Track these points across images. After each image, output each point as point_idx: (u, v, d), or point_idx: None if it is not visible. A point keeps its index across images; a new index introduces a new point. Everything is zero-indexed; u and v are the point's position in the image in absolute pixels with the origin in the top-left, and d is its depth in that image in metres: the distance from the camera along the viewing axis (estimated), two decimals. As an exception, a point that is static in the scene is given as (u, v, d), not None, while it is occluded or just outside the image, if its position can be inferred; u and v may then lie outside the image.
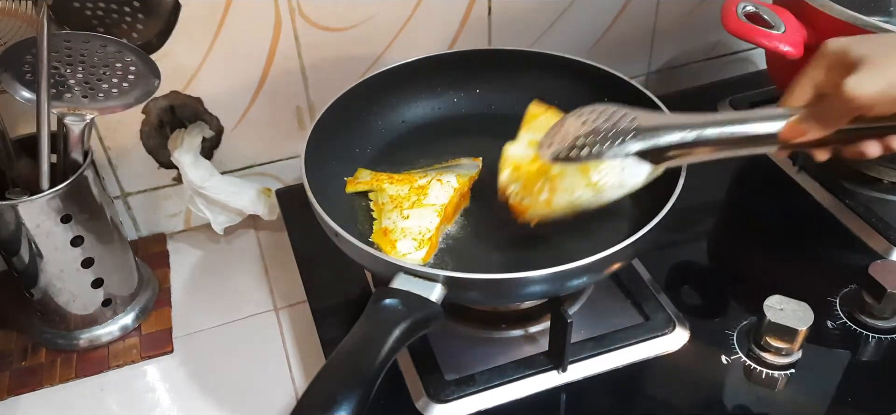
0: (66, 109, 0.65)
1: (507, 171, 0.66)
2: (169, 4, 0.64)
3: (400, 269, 0.57)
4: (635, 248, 0.59)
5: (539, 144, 0.62)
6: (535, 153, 0.65)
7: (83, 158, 0.66)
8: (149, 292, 0.76)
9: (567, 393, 0.64)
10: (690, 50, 0.99)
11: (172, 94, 0.76)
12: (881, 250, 0.74)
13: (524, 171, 0.65)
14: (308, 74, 0.80)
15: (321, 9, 0.77)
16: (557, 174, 0.63)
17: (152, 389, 0.69)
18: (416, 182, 0.73)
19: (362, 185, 0.75)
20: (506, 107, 0.83)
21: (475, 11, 0.83)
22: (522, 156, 0.67)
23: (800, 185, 0.83)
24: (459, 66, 0.82)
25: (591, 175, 0.62)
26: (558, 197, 0.63)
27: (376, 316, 0.54)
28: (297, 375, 0.69)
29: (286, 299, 0.76)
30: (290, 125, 0.83)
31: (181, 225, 0.86)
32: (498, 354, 0.66)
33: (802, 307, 0.63)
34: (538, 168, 0.65)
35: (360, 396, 0.48)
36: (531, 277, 0.59)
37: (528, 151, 0.67)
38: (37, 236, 0.64)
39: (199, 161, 0.78)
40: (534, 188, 0.64)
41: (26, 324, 0.73)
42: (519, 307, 0.70)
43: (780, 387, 0.63)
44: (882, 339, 0.66)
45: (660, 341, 0.66)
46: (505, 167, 0.66)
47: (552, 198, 0.63)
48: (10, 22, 0.61)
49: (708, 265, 0.78)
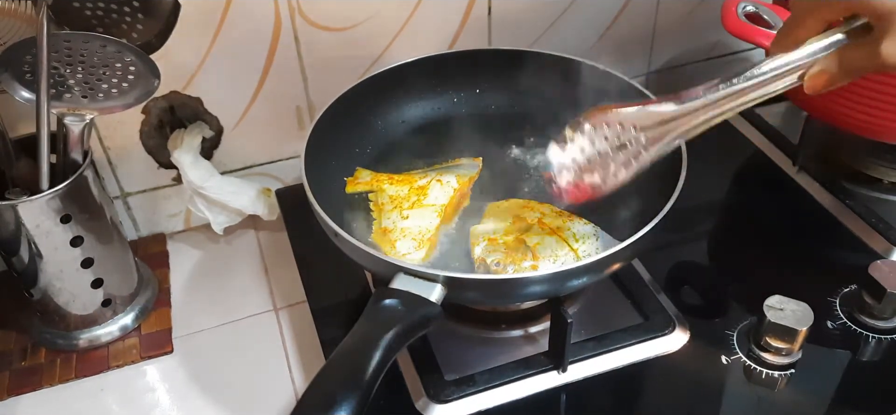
0: (66, 109, 0.64)
1: (482, 244, 0.66)
2: (169, 4, 0.64)
3: (400, 269, 0.57)
4: (635, 248, 0.59)
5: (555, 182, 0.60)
6: (506, 226, 0.67)
7: (83, 158, 0.66)
8: (149, 293, 0.76)
9: (567, 393, 0.64)
10: (690, 50, 0.99)
11: (172, 95, 0.76)
12: (881, 250, 0.74)
13: (502, 242, 0.65)
14: (308, 74, 0.80)
15: (321, 8, 0.77)
16: (537, 243, 0.64)
17: (152, 389, 0.69)
18: (415, 182, 0.73)
19: (362, 185, 0.75)
20: (506, 107, 0.83)
21: (475, 11, 0.83)
22: (494, 230, 0.67)
23: (800, 185, 0.83)
24: (459, 66, 0.82)
25: (572, 243, 0.65)
26: (543, 263, 0.64)
27: (376, 316, 0.54)
28: (297, 375, 0.69)
29: (286, 299, 0.76)
30: (290, 125, 0.83)
31: (181, 225, 0.86)
32: (498, 354, 0.66)
33: (802, 307, 0.63)
34: (515, 238, 0.65)
35: (360, 396, 0.48)
36: (531, 278, 0.59)
37: (499, 225, 0.67)
38: (36, 236, 0.64)
39: (198, 161, 0.78)
40: (516, 257, 0.64)
41: (26, 324, 0.73)
42: (519, 307, 0.70)
43: (780, 387, 0.63)
44: (882, 339, 0.66)
45: (660, 341, 0.66)
46: (477, 242, 0.66)
47: (537, 263, 0.63)
48: (9, 22, 0.61)
49: (708, 265, 0.78)
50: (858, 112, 0.73)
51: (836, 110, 0.75)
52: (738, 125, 0.92)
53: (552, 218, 0.68)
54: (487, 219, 0.70)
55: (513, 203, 0.71)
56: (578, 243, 0.66)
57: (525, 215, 0.68)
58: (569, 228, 0.67)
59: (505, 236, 0.66)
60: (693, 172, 0.64)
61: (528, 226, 0.67)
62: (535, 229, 0.66)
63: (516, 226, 0.67)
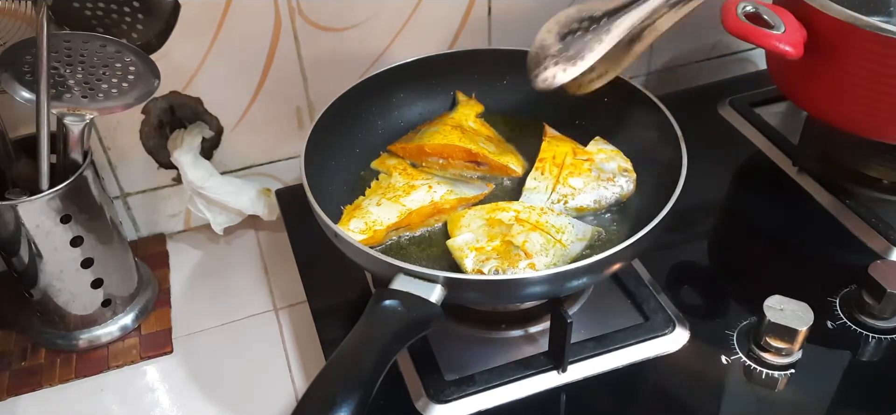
0: (66, 110, 0.64)
1: (472, 255, 0.64)
2: (169, 4, 0.64)
3: (400, 270, 0.57)
4: (635, 248, 0.59)
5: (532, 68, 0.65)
6: (487, 231, 0.66)
7: (83, 158, 0.66)
8: (148, 293, 0.76)
9: (567, 393, 0.64)
10: (690, 50, 0.99)
11: (172, 95, 0.76)
12: (881, 250, 0.74)
13: (492, 249, 0.65)
14: (308, 74, 0.80)
15: (321, 8, 0.77)
16: (524, 241, 0.64)
17: (152, 389, 0.69)
18: (415, 179, 0.73)
19: (383, 166, 0.76)
20: (505, 107, 0.83)
21: (475, 11, 0.83)
22: (474, 238, 0.66)
23: (800, 185, 0.83)
24: (459, 66, 0.82)
25: (555, 235, 0.65)
26: (537, 258, 0.63)
27: (376, 317, 0.54)
28: (297, 375, 0.69)
29: (286, 300, 0.76)
30: (290, 125, 0.83)
31: (181, 225, 0.85)
32: (498, 354, 0.66)
33: (802, 307, 0.63)
34: (502, 242, 0.65)
35: (360, 397, 0.48)
36: (531, 278, 0.59)
37: (476, 234, 0.66)
38: (36, 237, 0.64)
39: (198, 161, 0.78)
40: (510, 259, 0.64)
41: (26, 324, 0.73)
42: (519, 308, 0.70)
43: (780, 387, 0.63)
44: (882, 339, 0.66)
45: (660, 341, 0.66)
46: (465, 255, 0.65)
47: (533, 261, 0.63)
48: (9, 22, 0.61)
49: (708, 265, 0.78)
50: (858, 112, 0.73)
51: (836, 110, 0.75)
52: (738, 125, 0.92)
53: (527, 213, 0.68)
54: (458, 231, 0.68)
55: (477, 210, 0.70)
56: (560, 235, 0.66)
57: (500, 217, 0.68)
58: (547, 222, 0.67)
59: (490, 242, 0.65)
60: (693, 173, 0.64)
61: (508, 226, 0.67)
62: (516, 228, 0.66)
63: (496, 230, 0.67)
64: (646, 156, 0.73)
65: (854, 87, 0.71)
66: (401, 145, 0.78)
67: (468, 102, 0.82)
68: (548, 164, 0.74)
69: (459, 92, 0.83)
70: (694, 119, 0.72)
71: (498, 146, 0.77)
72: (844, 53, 0.70)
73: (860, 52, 0.68)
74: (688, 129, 0.69)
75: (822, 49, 0.69)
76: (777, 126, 0.91)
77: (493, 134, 0.79)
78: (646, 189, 0.72)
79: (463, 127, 0.77)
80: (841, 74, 0.71)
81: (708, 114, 0.95)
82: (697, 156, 0.66)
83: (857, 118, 0.74)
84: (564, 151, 0.75)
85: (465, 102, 0.82)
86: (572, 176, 0.72)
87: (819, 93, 0.75)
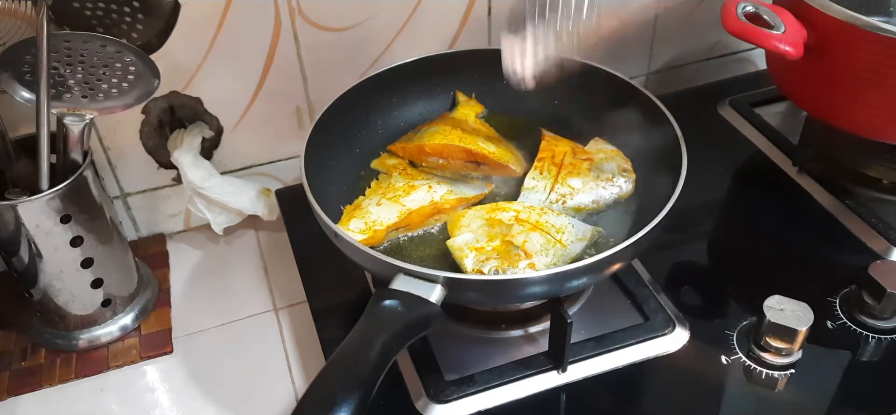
0: (66, 109, 0.64)
1: (472, 255, 0.64)
2: (169, 4, 0.64)
3: (399, 270, 0.57)
4: (635, 248, 0.59)
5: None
6: (486, 231, 0.66)
7: (83, 158, 0.66)
8: (148, 293, 0.76)
9: (567, 393, 0.64)
10: (690, 50, 0.99)
11: (172, 95, 0.76)
12: (881, 250, 0.74)
13: (492, 249, 0.65)
14: (308, 74, 0.80)
15: (321, 9, 0.77)
16: (524, 241, 0.64)
17: (152, 389, 0.69)
18: (415, 179, 0.73)
19: (384, 165, 0.76)
20: (505, 107, 0.83)
21: (475, 11, 0.83)
22: (474, 238, 0.66)
23: (800, 185, 0.83)
24: (459, 67, 0.82)
25: (555, 235, 0.65)
26: (537, 258, 0.63)
27: (376, 317, 0.54)
28: (297, 375, 0.69)
29: (286, 300, 0.76)
30: (290, 125, 0.83)
31: (181, 225, 0.85)
32: (498, 354, 0.66)
33: (802, 307, 0.63)
34: (502, 242, 0.65)
35: (360, 397, 0.48)
36: (531, 278, 0.59)
37: (477, 234, 0.66)
38: (36, 236, 0.64)
39: (198, 161, 0.78)
40: (511, 259, 0.63)
41: (26, 324, 0.73)
42: (519, 308, 0.70)
43: (780, 387, 0.63)
44: (882, 339, 0.66)
45: (660, 341, 0.66)
46: (465, 255, 0.64)
47: (533, 261, 0.63)
48: (9, 22, 0.61)
49: (708, 265, 0.78)
50: (858, 112, 0.73)
51: (836, 110, 0.75)
52: (738, 125, 0.92)
53: (527, 213, 0.68)
54: (458, 230, 0.68)
55: (477, 210, 0.70)
56: (560, 235, 0.66)
57: (500, 217, 0.68)
58: (547, 222, 0.67)
59: (490, 242, 0.65)
60: (693, 173, 0.64)
61: (508, 226, 0.67)
62: (516, 227, 0.66)
63: (496, 229, 0.67)
64: (645, 156, 0.73)
65: (854, 87, 0.71)
66: (401, 145, 0.78)
67: (468, 102, 0.82)
68: (547, 163, 0.74)
69: (459, 92, 0.83)
70: (694, 119, 0.72)
71: (498, 146, 0.77)
72: (844, 53, 0.70)
73: (860, 52, 0.68)
74: (688, 129, 0.69)
75: (822, 49, 0.69)
76: (777, 126, 0.91)
77: (493, 134, 0.79)
78: (645, 189, 0.72)
79: (463, 127, 0.77)
80: (841, 74, 0.71)
81: (708, 114, 0.95)
82: (697, 156, 0.66)
83: (857, 118, 0.74)
84: (563, 150, 0.75)
85: (465, 102, 0.82)
86: (571, 176, 0.72)
87: (819, 93, 0.75)
